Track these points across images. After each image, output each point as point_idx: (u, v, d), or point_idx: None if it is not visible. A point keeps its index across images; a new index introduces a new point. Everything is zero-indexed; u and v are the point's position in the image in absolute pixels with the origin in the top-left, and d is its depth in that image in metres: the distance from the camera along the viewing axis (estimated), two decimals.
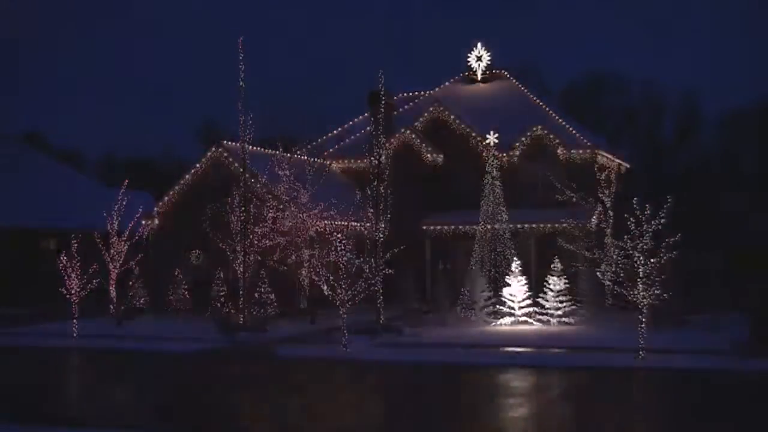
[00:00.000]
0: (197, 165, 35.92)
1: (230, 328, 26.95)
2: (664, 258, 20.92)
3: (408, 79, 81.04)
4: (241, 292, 28.21)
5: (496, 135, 31.77)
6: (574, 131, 38.56)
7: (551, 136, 37.40)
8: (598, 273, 23.05)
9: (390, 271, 28.22)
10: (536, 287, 31.05)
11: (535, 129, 37.69)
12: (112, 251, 31.27)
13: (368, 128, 29.33)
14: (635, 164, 46.68)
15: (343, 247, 24.01)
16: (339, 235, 24.32)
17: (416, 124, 39.95)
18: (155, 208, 36.00)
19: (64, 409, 16.67)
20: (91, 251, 30.05)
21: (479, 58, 44.48)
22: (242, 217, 28.00)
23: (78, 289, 27.15)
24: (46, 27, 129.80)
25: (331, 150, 42.32)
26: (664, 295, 21.26)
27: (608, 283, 22.23)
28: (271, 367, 22.12)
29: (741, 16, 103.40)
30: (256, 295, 30.51)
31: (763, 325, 22.99)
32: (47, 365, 23.19)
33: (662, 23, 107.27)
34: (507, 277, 28.91)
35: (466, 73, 45.14)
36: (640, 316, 21.04)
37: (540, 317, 27.99)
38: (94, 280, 27.71)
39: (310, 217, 32.64)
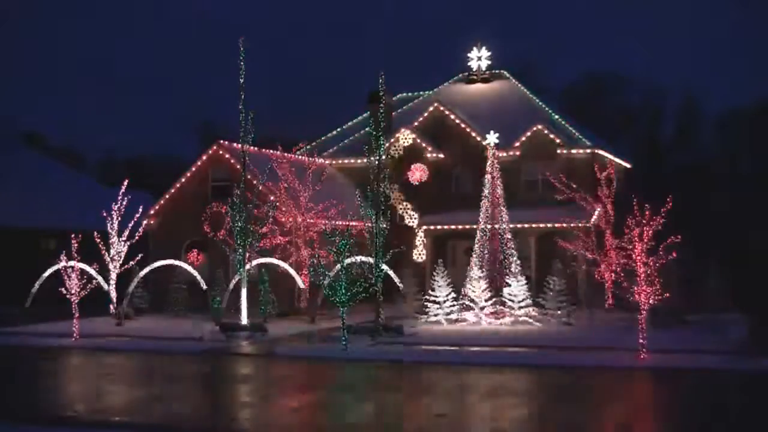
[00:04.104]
0: (196, 164, 35.90)
1: (230, 327, 26.95)
2: (664, 258, 20.91)
3: (408, 79, 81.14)
4: (240, 292, 28.19)
5: (496, 134, 31.74)
6: (574, 131, 38.54)
7: (551, 136, 37.36)
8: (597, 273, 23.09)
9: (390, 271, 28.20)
10: (536, 287, 31.07)
11: (535, 129, 37.65)
12: (112, 251, 31.29)
13: (368, 128, 29.33)
14: (635, 164, 46.66)
15: (342, 247, 23.98)
16: (339, 235, 24.29)
17: (416, 123, 39.96)
18: (154, 208, 36.00)
19: (64, 409, 16.66)
20: (91, 251, 30.05)
21: (479, 58, 44.50)
22: (242, 217, 27.98)
23: (78, 289, 27.13)
24: (46, 26, 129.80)
25: (331, 150, 42.34)
26: (665, 294, 21.23)
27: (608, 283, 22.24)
28: (271, 367, 22.12)
29: (741, 16, 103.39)
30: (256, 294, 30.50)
31: (763, 325, 23.01)
32: (47, 365, 23.16)
33: (662, 23, 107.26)
34: (507, 277, 28.90)
35: (466, 73, 45.17)
36: (640, 316, 21.03)
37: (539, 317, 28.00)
38: (94, 280, 27.71)
39: (310, 217, 32.68)
